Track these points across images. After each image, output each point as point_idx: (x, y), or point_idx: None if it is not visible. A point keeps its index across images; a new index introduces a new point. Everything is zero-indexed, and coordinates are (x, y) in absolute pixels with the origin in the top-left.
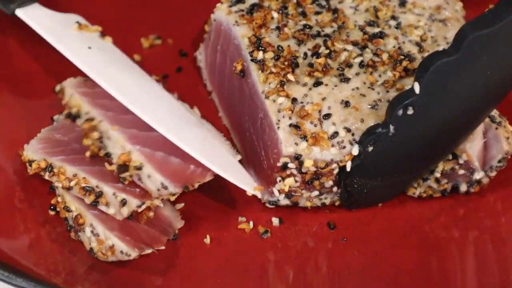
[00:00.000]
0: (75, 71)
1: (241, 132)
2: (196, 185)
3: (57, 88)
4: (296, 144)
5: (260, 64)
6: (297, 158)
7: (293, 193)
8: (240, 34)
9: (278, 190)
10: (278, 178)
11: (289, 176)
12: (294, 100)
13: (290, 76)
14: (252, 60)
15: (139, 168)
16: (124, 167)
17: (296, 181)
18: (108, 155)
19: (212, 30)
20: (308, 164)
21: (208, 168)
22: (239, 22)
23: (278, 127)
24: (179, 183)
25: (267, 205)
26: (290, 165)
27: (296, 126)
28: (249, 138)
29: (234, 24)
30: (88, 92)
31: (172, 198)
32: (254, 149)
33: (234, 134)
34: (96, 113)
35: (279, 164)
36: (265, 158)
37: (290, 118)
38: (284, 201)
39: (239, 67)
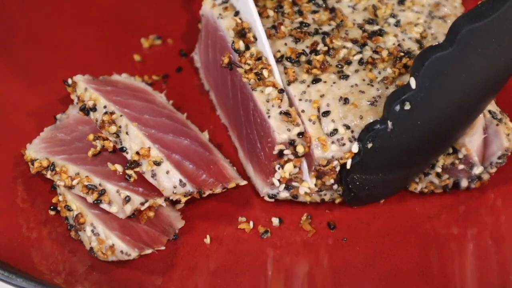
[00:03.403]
0: (79, 70)
1: (238, 127)
2: (207, 193)
3: (69, 81)
4: (289, 130)
5: (240, 55)
6: (291, 143)
7: (293, 183)
8: (225, 26)
9: (279, 180)
10: (277, 166)
11: (287, 162)
12: (281, 90)
13: (265, 72)
14: (234, 51)
15: (158, 163)
16: (136, 162)
17: (295, 167)
18: (123, 149)
19: (203, 27)
20: (300, 149)
21: (219, 180)
22: (223, 14)
23: (269, 116)
24: (195, 184)
25: (266, 198)
26: (286, 151)
27: (286, 113)
28: (245, 132)
29: (218, 17)
30: (100, 89)
31: (184, 200)
32: (250, 142)
33: (232, 131)
34: (114, 108)
35: (275, 152)
36: (261, 149)
37: (279, 106)
38: (283, 194)
39: (226, 60)
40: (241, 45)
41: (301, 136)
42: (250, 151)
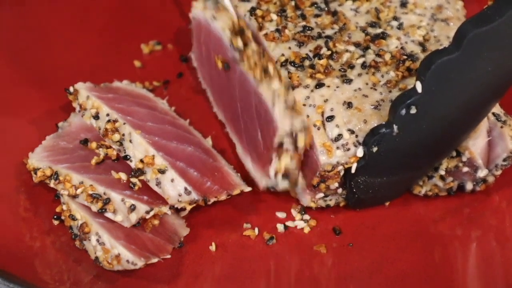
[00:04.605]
0: (79, 78)
1: (235, 122)
2: (212, 200)
3: (71, 89)
4: (292, 122)
5: (242, 53)
6: (293, 135)
7: (290, 173)
8: (220, 27)
9: (274, 171)
10: (274, 156)
11: (285, 154)
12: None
13: (270, 67)
14: (234, 49)
15: (162, 171)
16: (140, 170)
17: (292, 159)
18: (127, 157)
19: (194, 29)
20: (301, 142)
21: (224, 187)
22: (216, 16)
23: (274, 108)
24: (200, 192)
25: (267, 185)
26: (286, 144)
27: (291, 106)
28: (244, 126)
29: (212, 18)
30: (102, 96)
31: (189, 208)
32: (249, 134)
33: (229, 126)
34: (117, 115)
35: (275, 142)
36: (262, 140)
37: (285, 99)
38: (283, 184)
39: (219, 64)
40: (239, 43)
41: (303, 130)
42: (249, 143)
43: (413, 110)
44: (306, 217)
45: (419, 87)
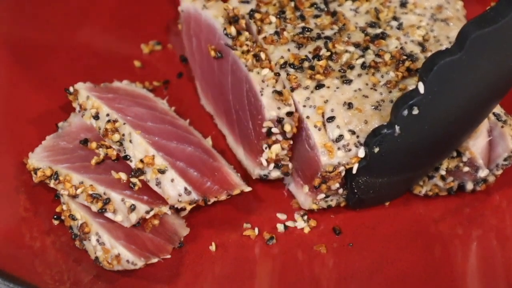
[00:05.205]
0: (79, 77)
1: (227, 113)
2: (212, 201)
3: (71, 89)
4: (279, 108)
5: (235, 40)
6: (280, 121)
7: (281, 162)
8: (212, 15)
9: (266, 160)
10: (264, 146)
11: (275, 142)
12: (277, 73)
13: (262, 54)
14: (227, 36)
15: (162, 171)
16: (140, 170)
17: (283, 149)
18: (126, 157)
19: (183, 22)
20: (287, 128)
21: (224, 187)
22: (207, 5)
23: (262, 94)
24: (200, 192)
25: (259, 175)
26: (274, 130)
27: (278, 92)
28: (236, 115)
29: (203, 8)
30: (102, 97)
31: (189, 208)
32: (241, 124)
33: (220, 117)
34: (117, 116)
35: (263, 130)
36: (252, 128)
37: (273, 86)
38: (274, 173)
39: (212, 53)
40: (232, 30)
41: (290, 115)
42: (240, 133)
43: (415, 111)
44: (306, 217)
45: (421, 88)
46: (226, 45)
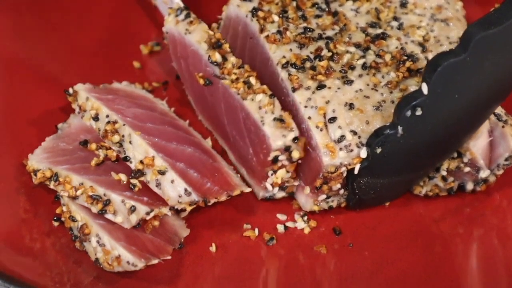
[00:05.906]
0: (78, 79)
1: (223, 134)
2: (212, 201)
3: (70, 90)
4: (284, 136)
5: (221, 67)
6: (287, 149)
7: (286, 184)
8: (195, 40)
9: (271, 184)
10: (270, 172)
11: (280, 168)
12: (271, 95)
13: (252, 80)
14: (212, 64)
15: (163, 172)
16: (140, 171)
17: (287, 172)
18: (126, 158)
19: (169, 43)
20: (296, 155)
21: (224, 187)
22: (190, 29)
23: (263, 124)
24: (200, 193)
25: (264, 196)
26: (281, 157)
27: (280, 120)
28: (234, 140)
29: (186, 32)
30: (101, 98)
31: (189, 209)
32: (241, 149)
33: (218, 135)
34: (116, 117)
35: (269, 159)
36: (254, 155)
37: (272, 112)
38: (279, 194)
39: (201, 81)
40: (217, 57)
41: (296, 141)
42: (241, 157)
43: (418, 112)
44: (306, 217)
45: (424, 89)
46: (214, 75)
